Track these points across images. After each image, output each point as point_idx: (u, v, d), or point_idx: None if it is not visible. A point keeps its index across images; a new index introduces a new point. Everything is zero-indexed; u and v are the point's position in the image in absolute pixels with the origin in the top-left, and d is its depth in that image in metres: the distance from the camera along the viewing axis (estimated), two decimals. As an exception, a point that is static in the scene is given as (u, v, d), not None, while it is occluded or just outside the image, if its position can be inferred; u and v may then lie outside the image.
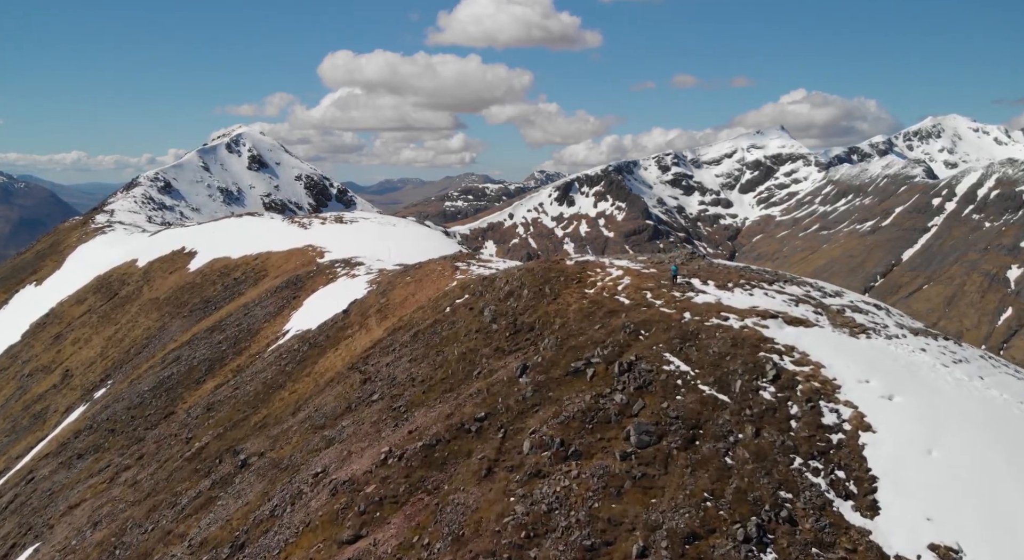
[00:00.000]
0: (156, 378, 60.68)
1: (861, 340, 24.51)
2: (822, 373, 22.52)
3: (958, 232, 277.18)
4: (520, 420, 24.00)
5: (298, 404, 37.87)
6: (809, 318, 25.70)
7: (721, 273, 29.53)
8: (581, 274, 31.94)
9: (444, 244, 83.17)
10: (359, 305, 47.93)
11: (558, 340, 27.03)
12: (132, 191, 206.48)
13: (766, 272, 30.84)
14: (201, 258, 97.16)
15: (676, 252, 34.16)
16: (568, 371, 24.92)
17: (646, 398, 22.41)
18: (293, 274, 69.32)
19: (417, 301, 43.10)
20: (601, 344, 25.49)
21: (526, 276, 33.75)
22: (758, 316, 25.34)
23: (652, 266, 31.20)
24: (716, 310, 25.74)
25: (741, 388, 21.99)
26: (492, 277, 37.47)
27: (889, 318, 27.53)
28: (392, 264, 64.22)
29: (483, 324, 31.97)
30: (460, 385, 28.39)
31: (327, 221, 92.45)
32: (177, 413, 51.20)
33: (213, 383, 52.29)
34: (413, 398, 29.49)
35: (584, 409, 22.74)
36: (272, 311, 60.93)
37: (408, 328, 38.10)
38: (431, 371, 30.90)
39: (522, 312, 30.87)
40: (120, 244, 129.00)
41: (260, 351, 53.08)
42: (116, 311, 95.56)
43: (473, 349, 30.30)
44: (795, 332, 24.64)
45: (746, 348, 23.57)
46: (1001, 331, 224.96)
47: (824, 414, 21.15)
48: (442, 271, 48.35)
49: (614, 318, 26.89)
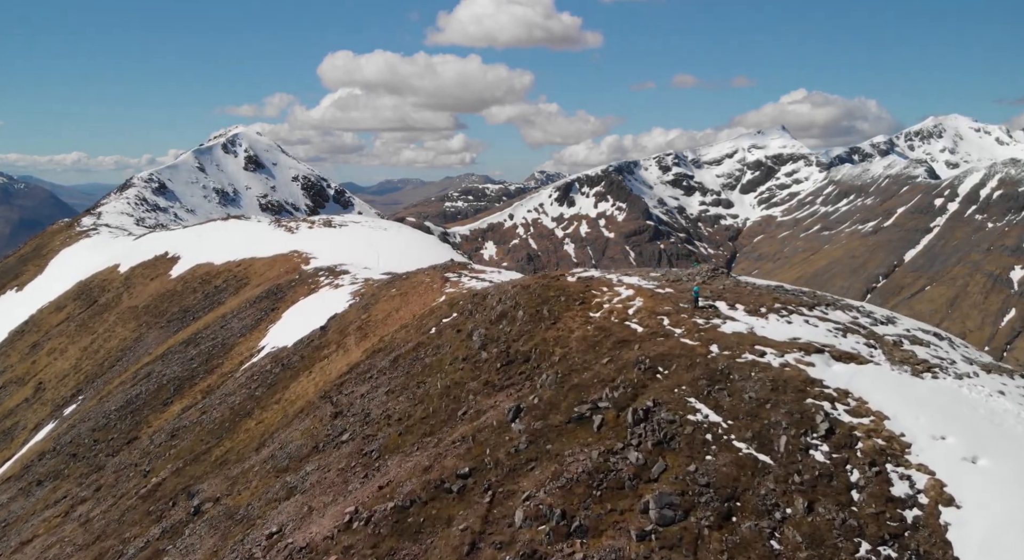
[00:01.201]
0: (124, 396, 56.29)
1: (927, 381, 20.10)
2: (886, 427, 18.12)
3: (961, 233, 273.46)
4: (512, 480, 19.61)
5: (263, 438, 33.45)
6: (861, 352, 21.31)
7: (751, 295, 25.09)
8: (585, 293, 27.51)
9: (437, 250, 78.74)
10: (339, 321, 43.51)
11: (558, 376, 22.63)
12: (125, 192, 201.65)
13: (804, 294, 26.40)
14: (184, 264, 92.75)
15: (695, 267, 29.73)
16: (570, 417, 20.52)
17: (668, 457, 18.01)
18: (275, 283, 64.91)
19: (401, 318, 38.68)
20: (610, 383, 21.09)
21: (521, 294, 29.34)
22: (801, 350, 20.92)
23: (668, 284, 26.75)
24: (749, 342, 21.32)
25: (787, 446, 17.60)
26: (483, 294, 33.08)
27: (954, 350, 23.19)
28: (379, 273, 59.82)
29: (471, 351, 27.55)
30: (442, 427, 23.99)
31: (315, 225, 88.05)
32: (140, 439, 46.82)
33: (180, 405, 47.91)
34: (387, 441, 25.08)
35: (591, 470, 18.35)
36: (249, 324, 56.53)
37: (388, 351, 33.68)
38: (410, 407, 26.49)
39: (516, 338, 26.46)
40: (104, 248, 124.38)
41: (233, 370, 48.67)
42: (94, 319, 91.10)
43: (459, 382, 25.88)
44: (847, 371, 20.23)
45: (789, 393, 19.16)
46: (1004, 332, 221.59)
47: (893, 483, 16.76)
48: (430, 283, 43.95)
49: (625, 350, 22.47)
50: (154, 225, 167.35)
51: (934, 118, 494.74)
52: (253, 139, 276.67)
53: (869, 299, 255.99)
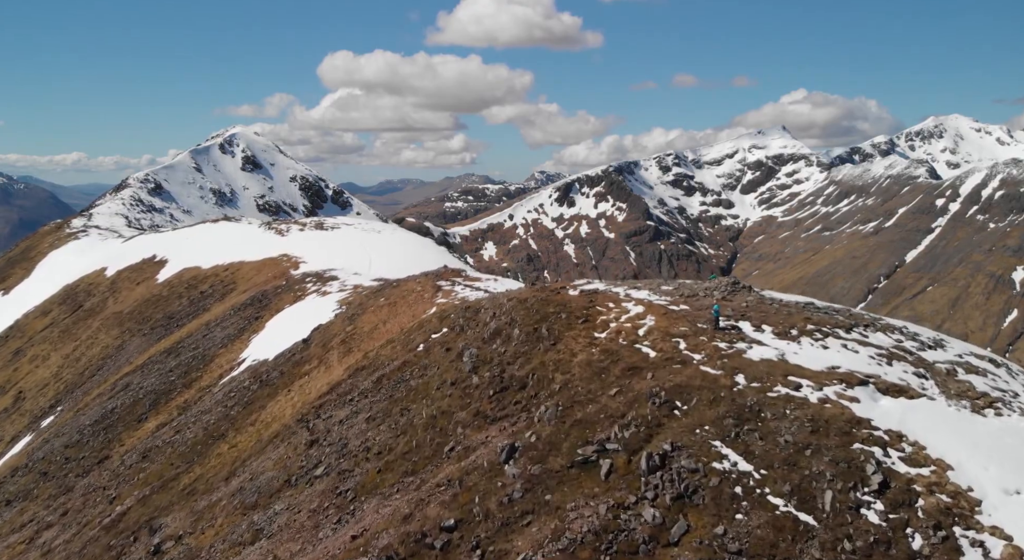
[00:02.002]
0: (100, 410, 53.31)
1: (991, 419, 17.16)
2: (950, 479, 15.16)
3: (962, 233, 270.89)
4: (504, 536, 16.64)
5: (235, 465, 30.47)
6: (911, 384, 18.36)
7: (779, 314, 22.08)
8: (589, 309, 24.53)
9: (431, 254, 75.74)
10: (322, 333, 40.52)
11: (559, 408, 19.67)
12: (120, 193, 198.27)
13: (838, 312, 23.38)
14: (171, 268, 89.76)
15: (713, 280, 26.63)
16: (573, 460, 17.55)
17: (690, 516, 15.04)
18: (261, 289, 61.92)
19: (388, 331, 35.70)
20: (620, 420, 18.13)
21: (518, 309, 26.37)
22: (842, 382, 17.97)
23: (682, 300, 23.75)
24: (781, 372, 18.35)
25: (833, 504, 14.64)
26: (476, 307, 30.12)
27: (1014, 379, 20.23)
28: (370, 279, 56.83)
29: (461, 374, 24.57)
30: (426, 466, 21.03)
31: (306, 228, 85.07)
32: (112, 458, 43.85)
33: (155, 422, 44.93)
34: (365, 479, 22.11)
35: (598, 529, 15.38)
36: (232, 333, 53.54)
37: (372, 369, 30.70)
38: (391, 438, 23.52)
39: (511, 361, 23.48)
40: (92, 251, 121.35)
41: (211, 384, 45.69)
42: (78, 325, 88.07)
43: (446, 411, 22.90)
44: (897, 407, 17.27)
45: (833, 435, 16.20)
46: (1007, 333, 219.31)
47: (965, 552, 13.81)
48: (421, 292, 40.98)
49: (637, 379, 19.50)
50: (148, 226, 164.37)
51: (935, 118, 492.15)
52: (250, 139, 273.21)
53: (871, 300, 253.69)
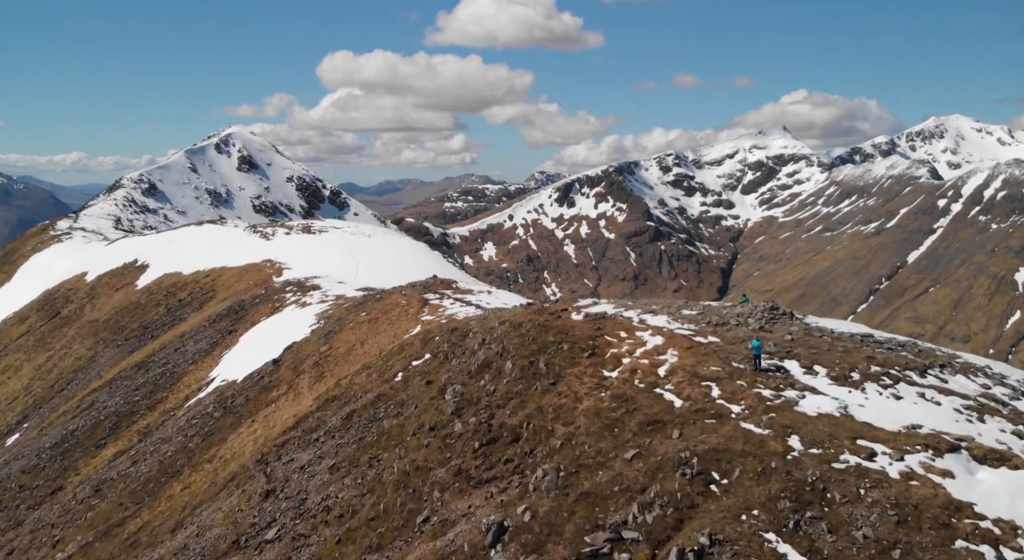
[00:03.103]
0: (62, 431, 49.18)
1: None
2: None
3: (964, 234, 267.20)
4: (489, 658, 12.55)
5: (184, 512, 26.33)
6: (1013, 448, 14.25)
7: (833, 350, 17.89)
8: (596, 339, 20.40)
9: (423, 260, 71.54)
10: (295, 353, 36.39)
11: (560, 474, 15.55)
12: (114, 193, 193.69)
13: (902, 347, 19.00)
14: (152, 272, 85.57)
15: (745, 305, 22.12)
16: (579, 552, 13.41)
17: (741, 648, 10.93)
18: (239, 298, 57.77)
19: (365, 353, 31.57)
20: (639, 495, 14.02)
21: (511, 336, 22.24)
22: (927, 447, 13.86)
23: (710, 330, 19.54)
24: (847, 433, 14.23)
25: (941, 635, 10.52)
26: (464, 328, 26.01)
27: None
28: (355, 288, 52.69)
29: (442, 417, 20.45)
30: (394, 539, 16.90)
31: (292, 231, 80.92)
32: (66, 490, 39.72)
33: (114, 449, 40.80)
34: (321, 552, 17.96)
35: (614, 660, 11.27)
36: (204, 348, 49.41)
37: (343, 401, 26.58)
38: (357, 497, 19.39)
39: (502, 403, 19.36)
40: (75, 254, 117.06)
41: (176, 406, 41.55)
42: (54, 334, 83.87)
43: (422, 466, 18.77)
44: (1002, 484, 13.16)
45: (926, 529, 12.08)
46: (1010, 335, 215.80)
47: None
48: (406, 307, 36.83)
49: (660, 438, 15.37)
50: (141, 227, 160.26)
51: (936, 118, 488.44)
52: (247, 139, 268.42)
53: (872, 301, 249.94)
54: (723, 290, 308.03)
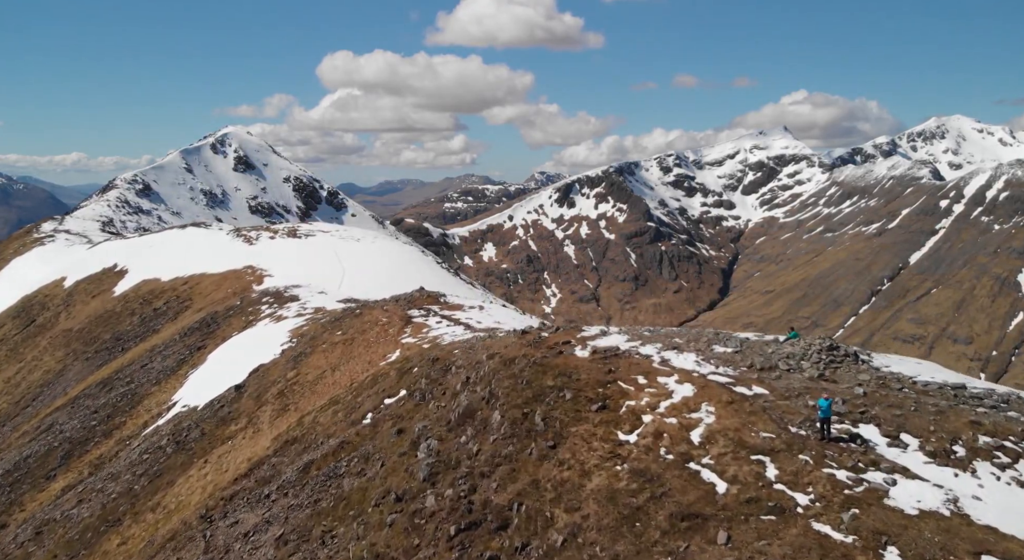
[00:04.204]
0: (17, 456, 45.08)
1: None
2: None
3: (967, 235, 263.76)
4: None
5: (115, 579, 22.22)
6: None
7: (922, 411, 13.63)
8: (607, 385, 16.18)
9: (414, 267, 67.35)
10: (260, 378, 32.21)
11: (561, 585, 11.37)
12: (107, 194, 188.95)
13: (1006, 405, 14.58)
14: (131, 279, 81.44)
15: (795, 340, 17.39)
16: None
17: None
18: (214, 309, 53.61)
19: (335, 383, 27.39)
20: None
21: (501, 376, 18.06)
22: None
23: (753, 376, 15.27)
24: (967, 544, 10.09)
25: None
26: (447, 362, 21.83)
27: None
28: (337, 299, 48.55)
29: (412, 484, 16.25)
30: None
31: (277, 235, 76.74)
32: (9, 528, 35.53)
33: (63, 482, 36.66)
34: None
35: None
36: (171, 365, 45.28)
37: (304, 445, 22.40)
38: (304, 588, 15.25)
39: (487, 470, 15.17)
40: (56, 259, 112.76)
41: (133, 434, 37.37)
42: (27, 343, 79.62)
43: (383, 554, 14.56)
44: None
45: None
46: (1012, 337, 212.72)
47: None
48: (386, 326, 32.64)
49: (700, 541, 11.16)
50: (133, 229, 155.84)
51: (937, 119, 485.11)
52: (243, 139, 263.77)
53: (874, 302, 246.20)
54: (724, 291, 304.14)
